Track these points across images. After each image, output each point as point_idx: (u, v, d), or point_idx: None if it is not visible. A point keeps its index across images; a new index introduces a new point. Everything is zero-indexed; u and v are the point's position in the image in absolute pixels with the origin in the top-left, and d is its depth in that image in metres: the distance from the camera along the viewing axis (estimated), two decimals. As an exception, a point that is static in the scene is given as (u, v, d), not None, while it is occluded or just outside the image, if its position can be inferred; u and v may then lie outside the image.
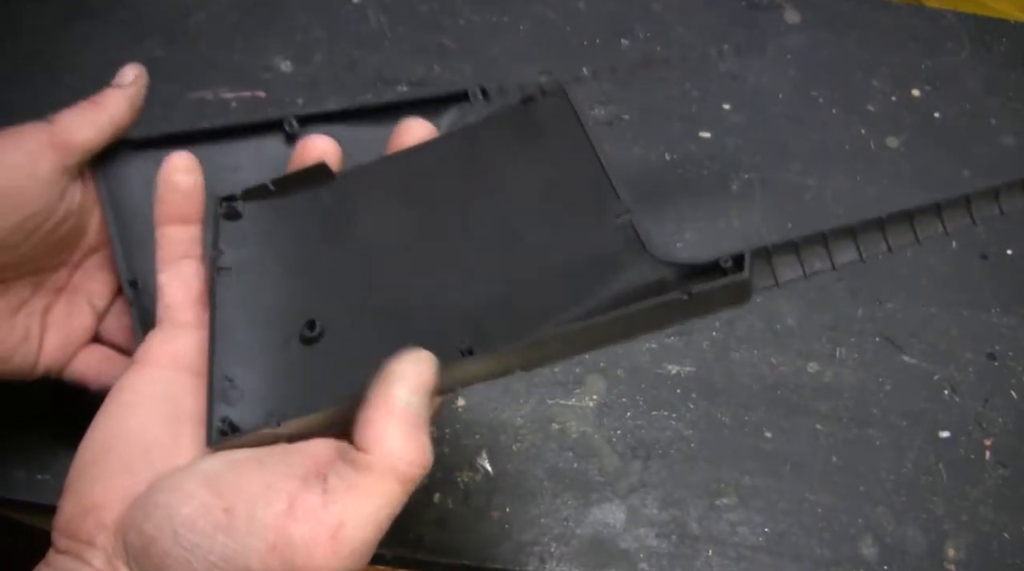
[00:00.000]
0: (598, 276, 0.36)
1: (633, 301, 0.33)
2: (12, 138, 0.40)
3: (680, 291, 0.33)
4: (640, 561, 0.50)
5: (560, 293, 0.36)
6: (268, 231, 0.40)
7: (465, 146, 0.42)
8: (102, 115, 0.42)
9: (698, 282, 0.34)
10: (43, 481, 0.49)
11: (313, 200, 0.41)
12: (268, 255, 0.40)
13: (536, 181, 0.40)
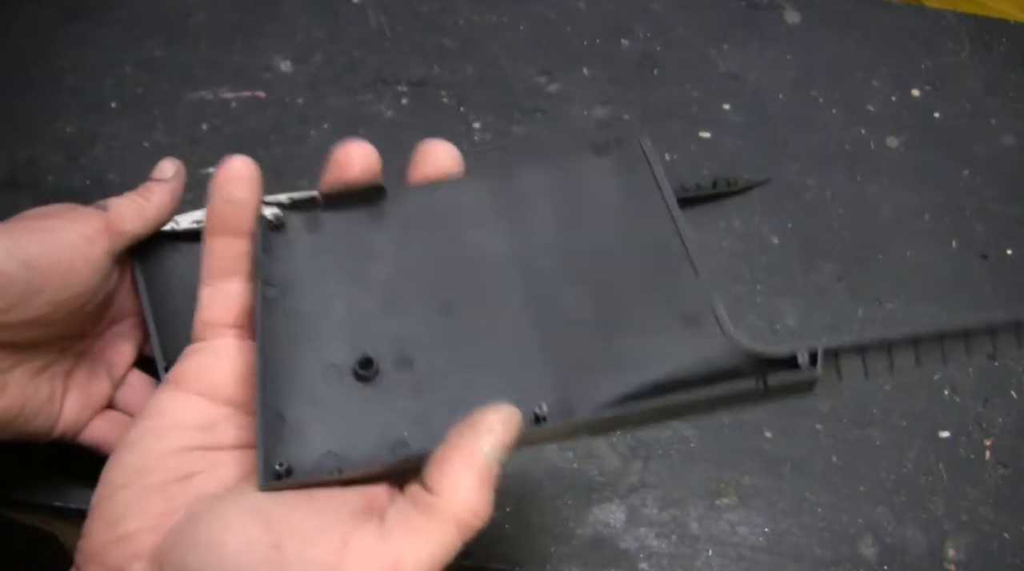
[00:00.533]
0: (673, 353, 0.35)
1: (705, 382, 0.34)
2: (68, 217, 0.41)
3: (756, 381, 0.34)
4: (640, 561, 0.50)
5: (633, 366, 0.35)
6: (316, 248, 0.38)
7: (531, 188, 0.39)
8: (149, 208, 0.44)
9: (771, 373, 0.34)
10: (43, 480, 0.49)
11: (366, 221, 0.38)
12: (317, 276, 0.37)
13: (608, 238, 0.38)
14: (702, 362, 0.34)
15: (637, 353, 0.35)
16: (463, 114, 0.65)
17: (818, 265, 0.61)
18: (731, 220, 0.62)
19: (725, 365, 0.34)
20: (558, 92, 0.67)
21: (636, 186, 0.39)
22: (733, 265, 0.60)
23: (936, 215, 0.64)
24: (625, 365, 0.35)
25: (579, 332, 0.36)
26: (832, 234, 0.62)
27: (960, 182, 0.66)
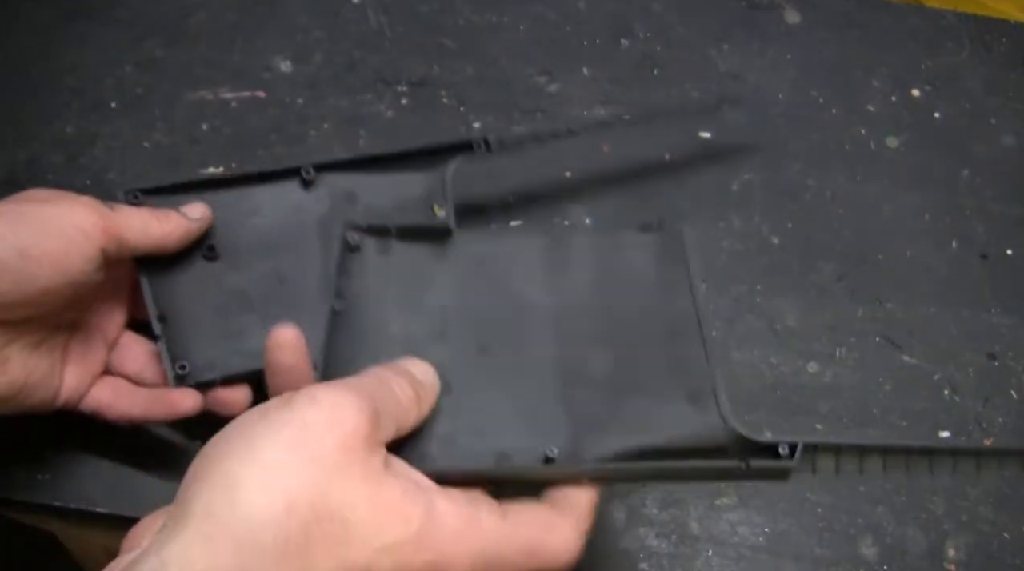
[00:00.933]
0: (674, 424, 0.39)
1: (696, 454, 0.38)
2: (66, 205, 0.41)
3: (740, 461, 0.38)
4: (640, 561, 0.50)
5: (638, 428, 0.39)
6: (384, 272, 0.43)
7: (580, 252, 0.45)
8: (156, 230, 0.44)
9: (754, 457, 0.38)
10: (43, 481, 0.49)
11: (431, 255, 0.44)
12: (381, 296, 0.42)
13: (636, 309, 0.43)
14: (697, 436, 0.39)
15: (643, 418, 0.39)
16: (463, 114, 0.65)
17: (818, 265, 0.61)
18: (731, 220, 0.62)
19: (716, 443, 0.39)
20: (558, 92, 0.67)
21: (670, 267, 0.44)
22: (733, 265, 0.60)
23: (936, 215, 0.64)
24: (631, 426, 0.39)
25: (596, 389, 0.40)
26: (832, 234, 0.62)
27: (960, 182, 0.66)
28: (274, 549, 0.29)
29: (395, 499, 0.32)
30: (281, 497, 0.29)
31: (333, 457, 0.31)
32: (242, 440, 0.31)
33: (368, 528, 0.31)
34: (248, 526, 0.29)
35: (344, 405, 0.32)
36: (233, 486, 0.29)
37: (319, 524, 0.30)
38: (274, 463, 0.30)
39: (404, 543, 0.31)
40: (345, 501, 0.30)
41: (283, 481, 0.30)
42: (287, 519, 0.29)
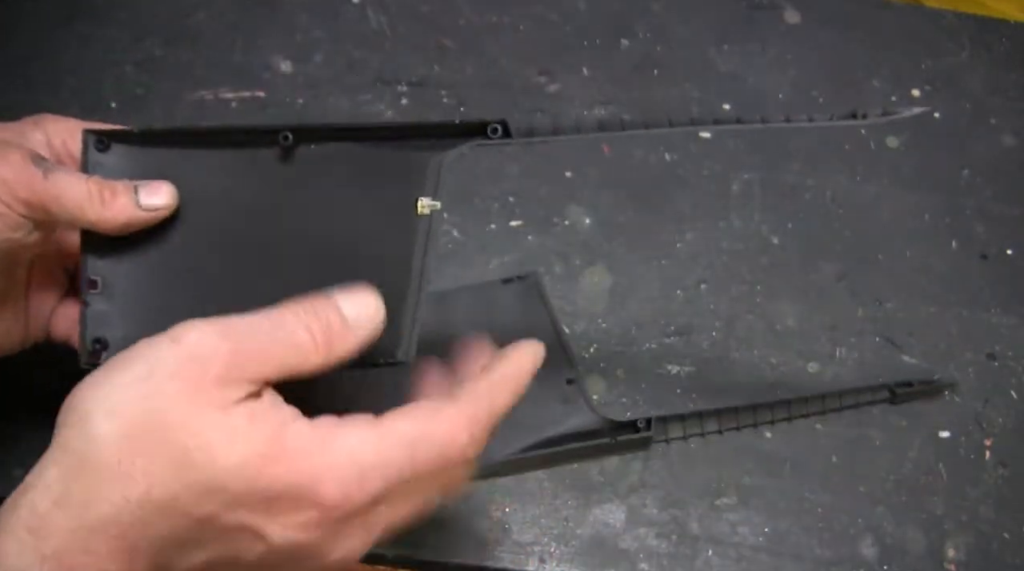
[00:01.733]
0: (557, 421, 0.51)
1: (576, 439, 0.51)
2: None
3: (610, 438, 0.52)
4: (640, 561, 0.50)
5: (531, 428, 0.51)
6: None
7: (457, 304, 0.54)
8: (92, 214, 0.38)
9: (621, 433, 0.52)
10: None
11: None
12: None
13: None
14: (575, 426, 0.51)
15: (533, 419, 0.50)
16: (463, 114, 0.65)
17: (818, 265, 0.61)
18: (731, 220, 0.62)
19: (590, 428, 0.52)
20: (558, 92, 0.67)
21: (532, 307, 0.56)
22: (733, 265, 0.60)
23: (936, 215, 0.64)
24: (525, 426, 0.50)
25: None
26: (832, 234, 0.62)
27: (960, 182, 0.66)
28: (117, 469, 0.31)
29: (240, 424, 0.32)
30: (125, 424, 0.32)
31: (179, 389, 0.32)
32: (101, 376, 0.33)
33: (211, 452, 0.32)
34: (93, 448, 0.32)
35: (203, 345, 0.33)
36: (85, 415, 0.32)
37: (158, 447, 0.32)
38: (121, 394, 0.33)
39: (250, 459, 0.32)
40: (183, 428, 0.32)
41: (128, 411, 0.32)
42: (127, 442, 0.32)
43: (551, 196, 0.62)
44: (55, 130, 0.41)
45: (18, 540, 0.31)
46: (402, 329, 0.37)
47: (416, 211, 0.38)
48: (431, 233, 0.38)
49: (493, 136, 0.40)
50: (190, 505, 0.32)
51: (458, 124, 0.39)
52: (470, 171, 0.62)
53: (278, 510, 0.33)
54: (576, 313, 0.57)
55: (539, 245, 0.60)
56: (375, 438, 0.34)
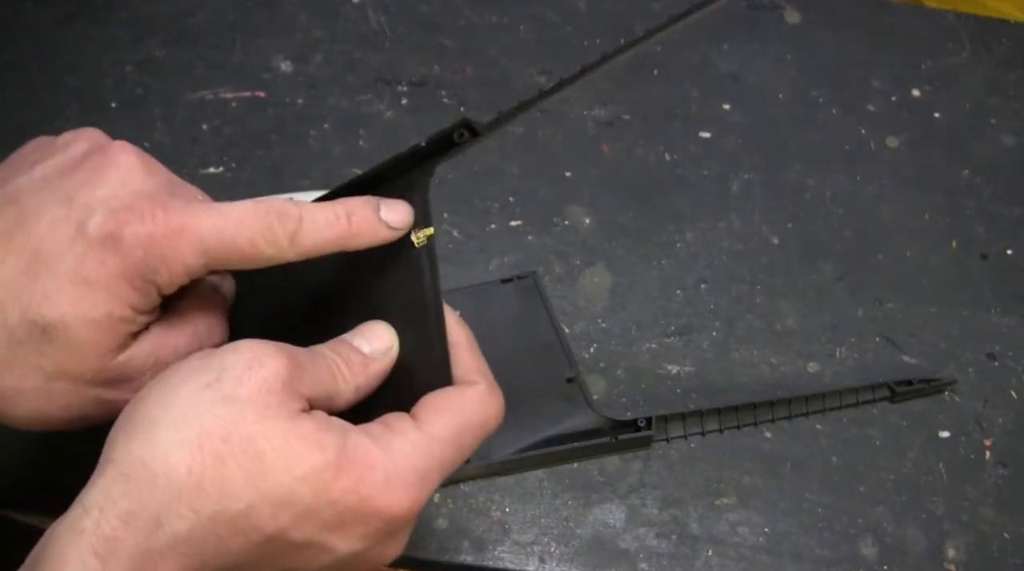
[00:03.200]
0: (557, 419, 0.52)
1: (576, 438, 0.51)
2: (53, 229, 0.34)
3: (611, 437, 0.52)
4: (640, 561, 0.50)
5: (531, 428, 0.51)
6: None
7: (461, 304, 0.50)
8: (349, 231, 0.36)
9: (621, 432, 0.52)
10: (43, 480, 0.49)
11: None
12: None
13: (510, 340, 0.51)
14: (575, 425, 0.52)
15: (533, 419, 0.51)
16: (463, 114, 0.65)
17: (818, 265, 0.61)
18: (731, 220, 0.62)
19: (590, 427, 0.52)
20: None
21: (531, 305, 0.56)
22: (733, 265, 0.60)
23: (936, 215, 0.64)
24: (525, 426, 0.51)
25: None
26: (832, 234, 0.62)
27: (960, 182, 0.66)
28: (189, 482, 0.30)
29: (309, 430, 0.32)
30: (194, 433, 0.30)
31: (247, 395, 0.31)
32: (162, 387, 0.32)
33: (283, 458, 0.31)
34: (163, 461, 0.30)
35: (264, 353, 0.32)
36: (150, 427, 0.31)
37: (233, 457, 0.30)
38: (188, 402, 0.31)
39: (322, 470, 0.31)
40: (258, 433, 0.31)
41: (196, 419, 0.31)
42: (200, 453, 0.30)
43: (551, 196, 0.62)
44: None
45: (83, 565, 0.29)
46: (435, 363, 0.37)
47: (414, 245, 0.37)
48: (432, 261, 0.37)
49: (461, 141, 0.37)
50: (263, 518, 0.31)
51: (424, 146, 0.37)
52: (470, 171, 0.62)
53: (347, 524, 0.32)
54: (576, 313, 0.57)
55: (539, 245, 0.60)
56: (426, 440, 0.34)
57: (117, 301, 0.33)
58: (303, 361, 0.34)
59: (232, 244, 0.34)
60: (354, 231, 0.36)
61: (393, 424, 0.34)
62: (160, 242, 0.33)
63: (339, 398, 0.35)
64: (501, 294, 0.57)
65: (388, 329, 0.38)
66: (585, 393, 0.52)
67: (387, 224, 0.36)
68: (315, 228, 0.35)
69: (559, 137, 0.65)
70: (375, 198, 0.37)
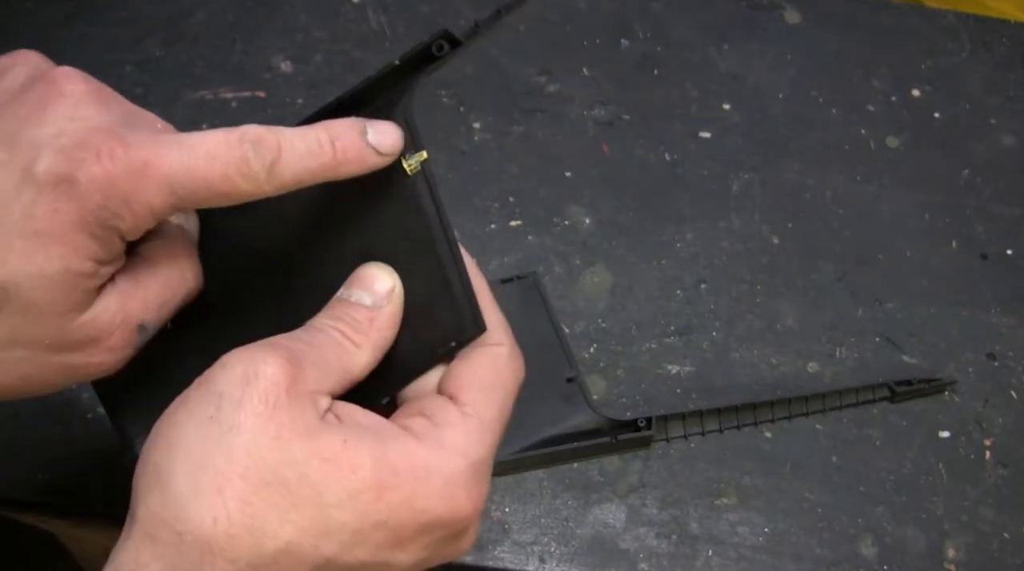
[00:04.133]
0: (557, 420, 0.52)
1: (577, 438, 0.51)
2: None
3: (611, 437, 0.52)
4: (640, 561, 0.50)
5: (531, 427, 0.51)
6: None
7: None
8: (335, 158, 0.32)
9: (621, 432, 0.52)
10: (43, 481, 0.49)
11: None
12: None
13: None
14: (575, 425, 0.52)
15: (533, 419, 0.51)
16: (463, 114, 0.65)
17: (818, 265, 0.61)
18: (731, 220, 0.62)
19: (590, 427, 0.52)
20: (558, 92, 0.67)
21: (531, 305, 0.56)
22: (733, 265, 0.60)
23: (936, 215, 0.64)
24: (525, 426, 0.51)
25: None
26: (832, 234, 0.62)
27: (960, 182, 0.66)
28: (217, 532, 0.27)
29: (335, 450, 0.28)
30: (211, 478, 0.27)
31: (253, 420, 0.28)
32: (166, 429, 0.29)
33: (311, 485, 0.28)
34: (185, 517, 0.27)
35: (255, 360, 0.29)
36: (164, 480, 0.28)
37: (256, 493, 0.27)
38: (196, 444, 0.28)
39: (359, 493, 0.28)
40: (278, 462, 0.28)
41: (208, 460, 0.27)
42: (221, 498, 0.27)
43: (551, 196, 0.62)
44: None
45: None
46: (459, 301, 0.33)
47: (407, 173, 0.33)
48: (432, 187, 0.33)
49: (441, 54, 0.33)
50: (305, 551, 0.28)
51: (401, 63, 0.33)
52: (470, 171, 0.62)
53: (405, 540, 0.30)
54: (576, 313, 0.57)
55: (539, 245, 0.60)
56: (477, 428, 0.31)
57: (75, 253, 0.29)
58: (301, 351, 0.30)
59: (203, 181, 0.30)
60: (340, 159, 0.32)
61: (437, 415, 0.31)
62: (120, 182, 0.29)
63: (356, 367, 0.32)
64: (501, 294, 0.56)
65: (384, 269, 0.34)
66: (585, 393, 0.52)
67: (376, 149, 0.32)
68: (296, 157, 0.31)
69: (559, 137, 0.65)
70: (360, 120, 0.32)
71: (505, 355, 0.33)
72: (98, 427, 0.48)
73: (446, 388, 0.33)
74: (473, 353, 0.33)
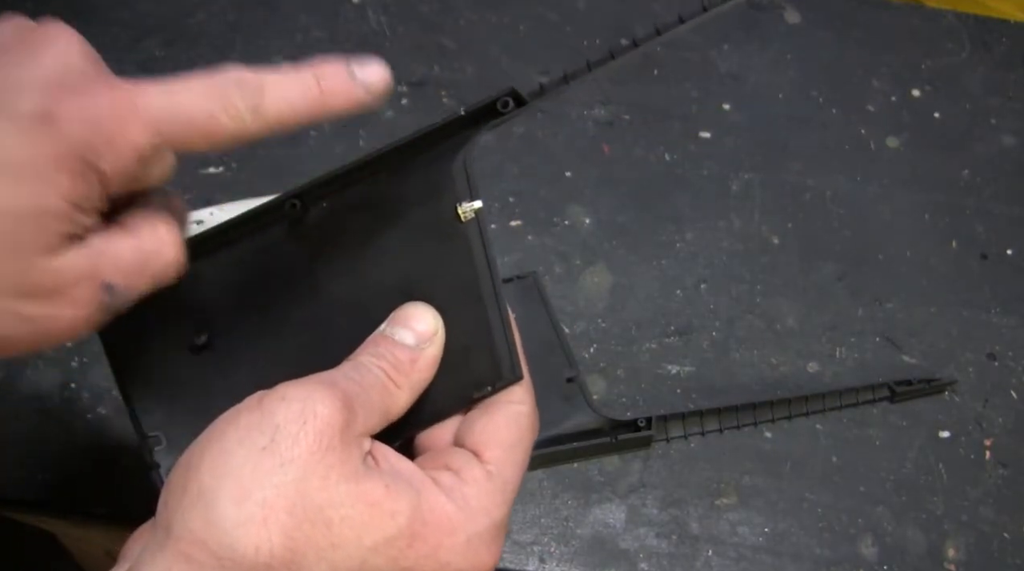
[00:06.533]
0: (557, 419, 0.51)
1: (577, 438, 0.51)
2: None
3: (611, 437, 0.52)
4: (640, 561, 0.50)
5: None
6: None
7: None
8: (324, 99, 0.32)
9: (621, 432, 0.52)
10: (43, 481, 0.49)
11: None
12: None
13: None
14: (575, 425, 0.52)
15: None
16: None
17: (818, 265, 0.61)
18: (731, 220, 0.62)
19: (590, 427, 0.52)
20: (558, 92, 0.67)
21: (531, 305, 0.56)
22: (733, 265, 0.60)
23: (936, 215, 0.64)
24: None
25: None
26: (832, 234, 0.62)
27: (960, 182, 0.66)
28: (257, 562, 0.27)
29: (378, 495, 0.29)
30: (258, 509, 0.28)
31: (307, 458, 0.29)
32: (215, 450, 0.29)
33: (353, 527, 0.29)
34: (228, 543, 0.27)
35: (314, 399, 0.29)
36: (209, 502, 0.28)
37: (299, 529, 0.28)
38: (246, 472, 0.28)
39: (395, 539, 0.29)
40: (325, 502, 0.28)
41: (257, 491, 0.28)
42: (266, 530, 0.28)
43: (551, 196, 0.62)
44: None
45: None
46: (497, 346, 0.34)
47: (460, 219, 0.34)
48: (484, 235, 0.34)
49: (505, 111, 0.36)
50: None
51: (466, 115, 0.35)
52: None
53: None
54: (576, 313, 0.57)
55: (539, 245, 0.60)
56: (500, 488, 0.32)
57: (50, 192, 0.28)
58: (353, 392, 0.31)
59: (188, 119, 0.30)
60: (326, 95, 0.31)
61: (463, 471, 0.32)
62: (104, 120, 0.28)
63: (395, 408, 0.33)
64: None
65: (428, 310, 0.34)
66: (585, 393, 0.52)
67: (363, 85, 0.32)
68: (281, 94, 0.31)
69: (559, 137, 0.65)
70: (346, 59, 0.32)
71: (527, 414, 0.34)
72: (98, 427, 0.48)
73: (468, 442, 0.34)
74: (496, 409, 0.34)
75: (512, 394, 0.34)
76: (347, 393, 0.30)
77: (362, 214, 0.35)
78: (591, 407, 0.52)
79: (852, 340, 0.58)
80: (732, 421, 0.54)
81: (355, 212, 0.35)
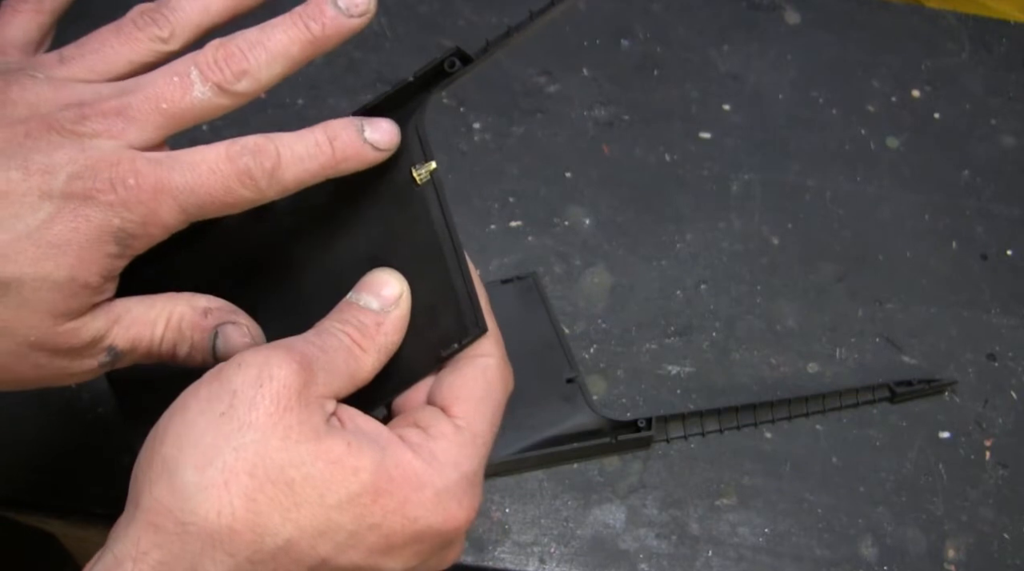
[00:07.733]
0: (557, 420, 0.52)
1: (576, 438, 0.51)
2: None
3: (611, 438, 0.52)
4: (640, 561, 0.50)
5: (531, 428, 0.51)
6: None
7: None
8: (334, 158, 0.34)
9: (621, 433, 0.52)
10: (43, 481, 0.49)
11: None
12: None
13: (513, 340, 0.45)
14: (575, 425, 0.52)
15: (533, 420, 0.51)
16: (463, 114, 0.65)
17: (818, 265, 0.61)
18: (731, 221, 0.62)
19: (590, 427, 0.52)
20: (558, 92, 0.67)
21: (531, 305, 0.56)
22: (733, 265, 0.60)
23: (936, 215, 0.64)
24: (525, 427, 0.51)
25: None
26: (832, 234, 0.62)
27: (960, 182, 0.66)
28: (221, 525, 0.28)
29: (339, 452, 0.30)
30: (219, 473, 0.28)
31: (264, 420, 0.29)
32: (177, 421, 0.30)
33: (315, 486, 0.29)
34: (190, 508, 0.28)
35: (270, 363, 0.30)
36: (172, 471, 0.29)
37: (262, 491, 0.29)
38: (207, 439, 0.29)
39: (359, 495, 0.30)
40: (285, 461, 0.29)
41: (218, 456, 0.29)
42: (227, 494, 0.28)
43: (551, 196, 0.62)
44: None
45: None
46: (462, 303, 0.34)
47: (417, 182, 0.35)
48: (441, 194, 0.35)
49: (452, 70, 0.36)
50: (303, 551, 0.29)
51: (415, 79, 0.36)
52: (470, 171, 0.62)
53: (396, 547, 0.31)
54: (576, 313, 0.57)
55: (539, 245, 0.60)
56: (470, 441, 0.32)
57: (85, 267, 0.30)
58: (313, 355, 0.31)
59: (208, 196, 0.31)
60: (339, 157, 0.33)
61: (431, 427, 0.32)
62: (135, 207, 0.30)
63: (362, 372, 0.33)
64: (501, 295, 0.56)
65: (393, 274, 0.35)
66: (585, 393, 0.52)
67: (373, 145, 0.34)
68: (295, 160, 0.33)
69: (559, 137, 0.65)
70: (357, 118, 0.34)
71: (494, 366, 0.34)
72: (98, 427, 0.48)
73: (438, 399, 0.34)
74: (464, 365, 0.34)
75: (479, 347, 0.34)
76: (305, 355, 0.31)
77: (327, 188, 0.35)
78: (591, 407, 0.52)
79: (852, 341, 0.58)
80: (732, 422, 0.54)
81: (320, 187, 0.35)
